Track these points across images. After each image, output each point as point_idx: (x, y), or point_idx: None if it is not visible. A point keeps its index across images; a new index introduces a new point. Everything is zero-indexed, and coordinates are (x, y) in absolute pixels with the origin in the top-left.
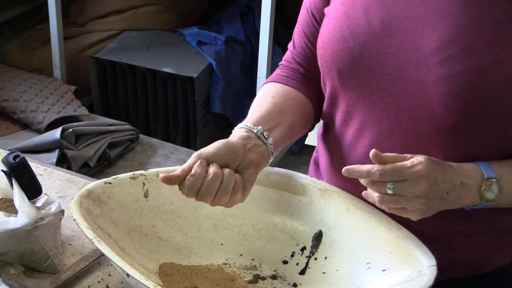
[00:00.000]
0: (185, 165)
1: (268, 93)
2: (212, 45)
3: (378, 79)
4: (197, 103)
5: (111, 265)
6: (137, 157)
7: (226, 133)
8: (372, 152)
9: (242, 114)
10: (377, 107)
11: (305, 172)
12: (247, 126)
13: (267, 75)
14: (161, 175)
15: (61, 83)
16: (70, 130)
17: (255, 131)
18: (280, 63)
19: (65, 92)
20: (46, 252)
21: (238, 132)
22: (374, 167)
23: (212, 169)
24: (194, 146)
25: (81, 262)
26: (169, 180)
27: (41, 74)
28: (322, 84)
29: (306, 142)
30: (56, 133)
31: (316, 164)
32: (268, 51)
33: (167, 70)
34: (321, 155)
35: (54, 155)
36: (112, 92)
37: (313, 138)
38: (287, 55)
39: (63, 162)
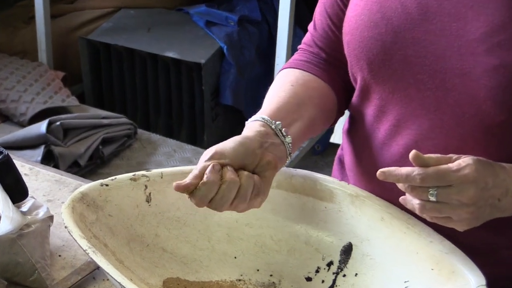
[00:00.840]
0: (195, 171)
1: (287, 80)
2: (223, 26)
3: (415, 71)
4: (205, 94)
5: (108, 280)
6: (135, 156)
7: (238, 129)
8: (412, 153)
9: (256, 107)
10: (415, 102)
11: (330, 174)
12: (263, 119)
13: (287, 62)
14: (174, 184)
15: (47, 69)
16: (58, 123)
17: (273, 126)
18: (299, 46)
19: (52, 79)
20: (33, 264)
21: (253, 126)
22: (414, 170)
23: (228, 175)
24: (201, 143)
25: (72, 276)
26: (179, 188)
27: (24, 58)
28: (350, 74)
29: (331, 140)
30: (42, 126)
31: (341, 162)
32: (288, 34)
33: (171, 54)
34: (346, 153)
35: (38, 152)
36: (106, 79)
37: (339, 135)
38: (307, 37)
39: (49, 160)
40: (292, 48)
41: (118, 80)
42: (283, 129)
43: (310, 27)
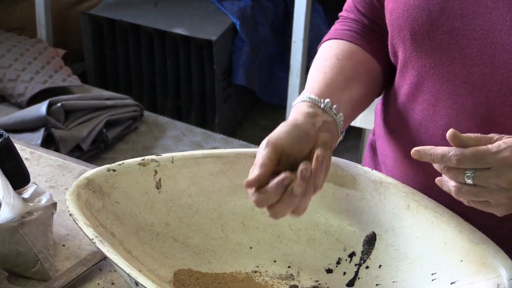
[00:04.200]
0: (257, 162)
1: (331, 54)
2: (236, 1)
3: (462, 44)
4: (216, 73)
5: (115, 271)
6: (141, 139)
7: (252, 111)
8: (449, 132)
9: (271, 88)
10: (458, 79)
11: (350, 159)
12: (311, 98)
13: (304, 39)
14: (245, 181)
15: (47, 46)
16: (59, 104)
17: (321, 105)
18: (340, 13)
19: (52, 57)
20: (35, 255)
21: (301, 108)
22: (451, 150)
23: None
24: (212, 126)
25: (77, 267)
26: (250, 184)
27: (22, 34)
28: (390, 47)
29: (351, 124)
30: (41, 108)
31: (373, 149)
32: (306, 9)
33: (179, 31)
34: (378, 137)
35: (38, 136)
36: (110, 58)
37: (360, 118)
38: (348, 3)
39: (49, 144)
40: (311, 25)
41: (122, 59)
42: (334, 106)
43: None
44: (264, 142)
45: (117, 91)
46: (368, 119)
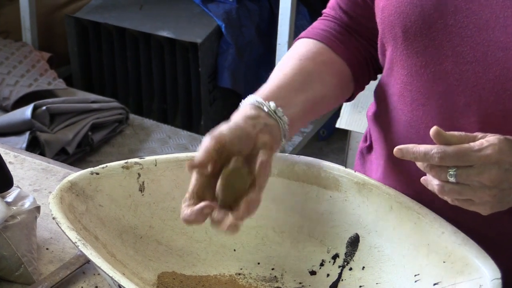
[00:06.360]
0: (202, 152)
1: (296, 53)
2: (221, 3)
3: (455, 42)
4: (202, 76)
5: (99, 274)
6: (127, 142)
7: None
8: (433, 129)
9: (257, 90)
10: (451, 77)
11: (335, 161)
12: (256, 101)
13: (289, 41)
14: (187, 162)
15: (32, 49)
16: (44, 108)
17: (264, 108)
18: (323, 11)
19: (37, 61)
20: (19, 258)
21: (243, 111)
22: (433, 148)
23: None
24: (198, 129)
25: (61, 271)
26: (192, 166)
27: (7, 38)
28: (379, 46)
29: (337, 125)
30: (26, 111)
31: (363, 156)
32: (291, 11)
33: (165, 34)
34: (374, 140)
35: (23, 139)
36: (95, 61)
37: (346, 120)
38: (331, 0)
39: (34, 147)
40: (296, 27)
41: (108, 62)
42: (278, 109)
43: None
44: (207, 135)
45: (103, 94)
46: (353, 122)
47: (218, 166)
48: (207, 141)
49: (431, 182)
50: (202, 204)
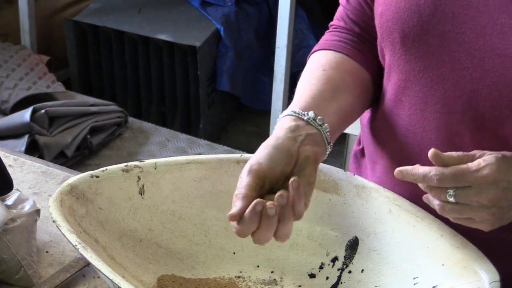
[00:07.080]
0: (239, 191)
1: (318, 65)
2: (220, 7)
3: (452, 48)
4: (200, 79)
5: (98, 277)
6: (126, 146)
7: (236, 117)
8: (431, 152)
9: (255, 93)
10: (447, 82)
11: (334, 164)
12: (294, 112)
13: (288, 45)
14: (228, 215)
15: (31, 53)
16: (43, 111)
17: (305, 118)
18: (331, 23)
19: (36, 64)
20: (19, 261)
21: (284, 123)
22: (431, 170)
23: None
24: (196, 132)
25: (61, 274)
26: (233, 217)
27: (6, 41)
28: (379, 51)
29: None
30: (25, 114)
31: (357, 160)
32: (290, 15)
33: (163, 37)
34: (367, 144)
35: (22, 142)
36: (94, 64)
37: None
38: (339, 12)
39: (33, 150)
40: (294, 30)
41: (107, 65)
42: (318, 118)
43: (342, 0)
44: (246, 169)
45: (102, 98)
46: (351, 125)
47: (262, 192)
48: (245, 179)
49: (432, 201)
50: (252, 202)
